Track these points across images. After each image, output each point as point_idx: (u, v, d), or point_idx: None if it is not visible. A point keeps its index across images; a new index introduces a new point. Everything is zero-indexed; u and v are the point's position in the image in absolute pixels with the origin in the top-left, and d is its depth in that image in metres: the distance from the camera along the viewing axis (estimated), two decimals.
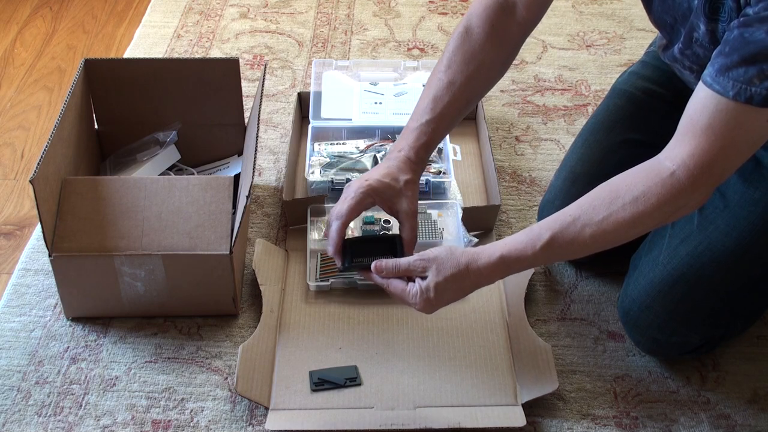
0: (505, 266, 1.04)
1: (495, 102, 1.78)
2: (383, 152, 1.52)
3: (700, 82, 0.94)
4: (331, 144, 1.56)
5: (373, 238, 1.25)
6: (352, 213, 1.13)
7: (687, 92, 1.27)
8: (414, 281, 1.07)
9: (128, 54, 1.93)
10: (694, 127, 0.95)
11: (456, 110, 1.19)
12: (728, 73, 0.90)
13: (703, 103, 0.93)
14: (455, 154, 1.59)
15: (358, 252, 1.15)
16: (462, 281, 1.05)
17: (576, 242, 1.02)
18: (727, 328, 1.20)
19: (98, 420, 1.15)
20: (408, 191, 1.16)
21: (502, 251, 1.04)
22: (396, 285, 1.08)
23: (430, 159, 1.51)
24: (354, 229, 1.41)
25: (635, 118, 1.33)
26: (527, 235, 1.04)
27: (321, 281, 1.31)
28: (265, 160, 1.62)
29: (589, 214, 1.01)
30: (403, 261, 1.08)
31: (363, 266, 1.13)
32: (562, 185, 1.34)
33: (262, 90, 1.41)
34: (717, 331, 1.19)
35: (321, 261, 1.35)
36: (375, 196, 1.14)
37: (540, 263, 1.08)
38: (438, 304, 1.07)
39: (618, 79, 1.42)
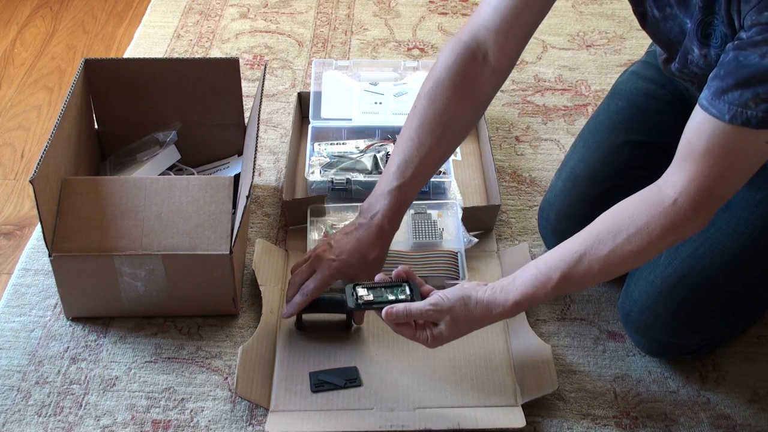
0: (516, 310, 1.07)
1: (495, 102, 1.78)
2: (383, 152, 1.52)
3: (697, 106, 0.94)
4: (331, 144, 1.56)
5: (329, 300, 1.24)
6: (318, 291, 1.18)
7: (688, 94, 1.28)
8: (424, 328, 1.09)
9: (128, 54, 1.93)
10: (692, 152, 0.95)
11: (427, 169, 1.19)
12: (724, 96, 0.90)
13: (700, 127, 0.93)
14: (455, 154, 1.59)
15: (312, 308, 1.21)
16: (474, 325, 1.09)
17: (585, 278, 1.03)
18: (728, 329, 1.20)
19: (98, 420, 1.15)
20: (372, 268, 1.19)
21: (516, 299, 1.05)
22: (405, 331, 1.10)
23: None
24: None
25: (636, 120, 1.33)
26: (537, 278, 1.04)
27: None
28: (265, 160, 1.62)
29: (594, 249, 1.01)
30: (415, 309, 1.08)
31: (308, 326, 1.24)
32: (563, 186, 1.34)
33: (262, 90, 1.41)
34: (718, 332, 1.19)
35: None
36: (341, 275, 1.18)
37: (551, 299, 1.18)
38: (443, 342, 1.10)
39: (618, 79, 1.42)
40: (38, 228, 1.46)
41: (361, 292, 1.15)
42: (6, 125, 1.76)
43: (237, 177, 1.41)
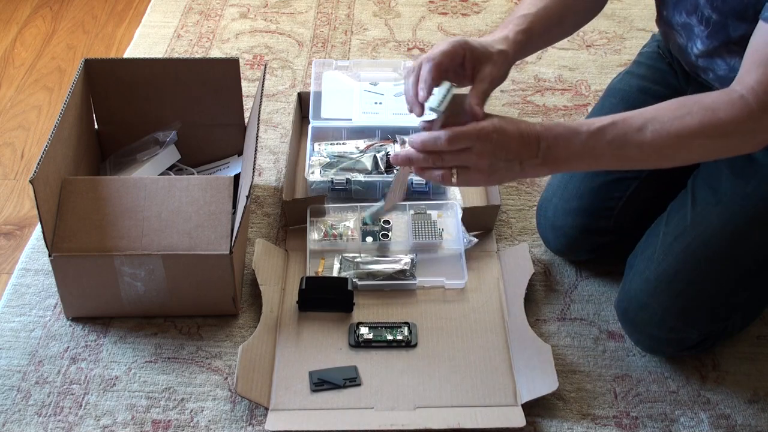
0: (554, 135, 0.98)
1: (495, 102, 1.78)
2: (383, 152, 1.52)
3: (760, 21, 0.96)
4: (331, 144, 1.56)
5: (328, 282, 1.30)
6: (445, 57, 1.05)
7: (681, 88, 1.28)
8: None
9: (128, 54, 1.93)
10: (760, 58, 0.96)
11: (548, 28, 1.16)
12: None
13: (765, 36, 0.95)
14: None
15: (312, 291, 1.26)
16: (519, 128, 0.98)
17: (635, 137, 0.97)
18: (725, 323, 1.20)
19: (98, 420, 1.15)
20: (498, 59, 1.09)
21: (561, 121, 0.99)
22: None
23: None
24: (354, 229, 1.41)
25: None
26: (589, 118, 1.00)
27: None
28: (265, 160, 1.62)
29: (655, 112, 0.98)
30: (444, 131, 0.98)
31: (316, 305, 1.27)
32: (559, 183, 1.34)
33: (262, 90, 1.41)
34: (715, 327, 1.19)
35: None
36: (467, 49, 1.06)
37: (590, 154, 0.99)
38: (497, 151, 0.97)
39: (613, 79, 1.43)
40: (38, 228, 1.46)
41: (363, 330, 1.24)
42: (6, 125, 1.76)
43: (237, 177, 1.41)
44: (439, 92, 1.01)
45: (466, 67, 1.08)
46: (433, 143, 0.99)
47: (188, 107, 1.48)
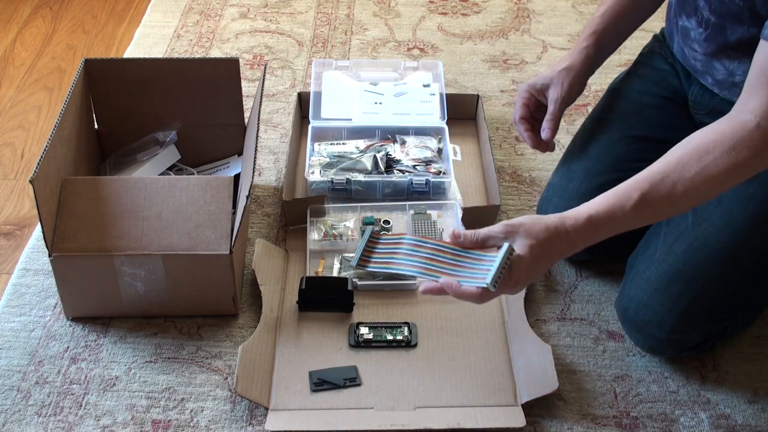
0: (593, 229, 1.00)
1: (495, 102, 1.78)
2: (383, 152, 1.52)
3: (761, 42, 0.96)
4: (331, 144, 1.56)
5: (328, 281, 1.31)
6: (523, 111, 1.30)
7: (682, 88, 1.29)
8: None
9: (128, 54, 1.93)
10: (766, 78, 0.96)
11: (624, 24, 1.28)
12: None
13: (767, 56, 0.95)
14: (455, 154, 1.59)
15: (313, 291, 1.27)
16: (553, 246, 0.99)
17: (667, 201, 0.98)
18: (725, 324, 1.20)
19: (98, 420, 1.15)
20: (559, 78, 1.25)
21: (590, 212, 0.99)
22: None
23: (431, 159, 1.52)
24: (354, 229, 1.41)
25: (631, 114, 1.34)
26: (614, 195, 0.99)
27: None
28: (265, 160, 1.62)
29: (678, 171, 0.98)
30: (483, 229, 1.02)
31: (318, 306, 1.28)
32: (560, 182, 1.34)
33: (262, 90, 1.41)
34: (715, 327, 1.19)
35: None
36: (531, 90, 1.29)
37: (629, 226, 1.01)
38: (529, 275, 1.00)
39: (614, 79, 1.43)
40: (38, 228, 1.46)
41: (363, 330, 1.24)
42: (6, 125, 1.76)
43: (237, 177, 1.41)
44: (498, 264, 0.98)
45: (543, 102, 1.28)
46: (469, 296, 1.00)
47: (188, 107, 1.48)
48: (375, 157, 1.51)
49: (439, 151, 1.55)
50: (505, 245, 0.99)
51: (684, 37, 1.22)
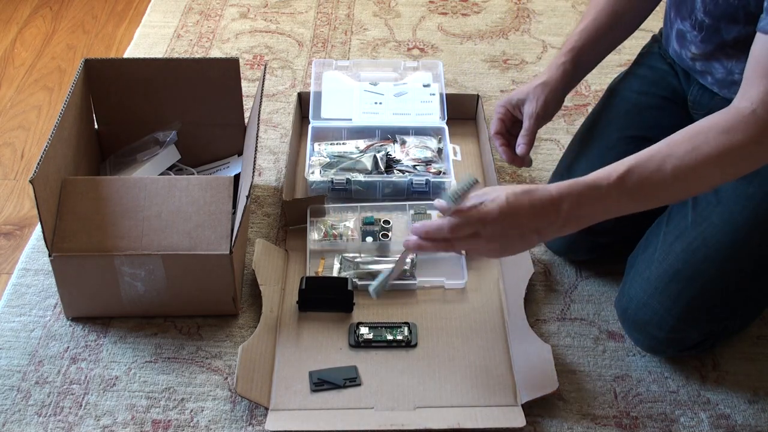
0: (577, 195, 0.97)
1: (495, 102, 1.77)
2: (383, 152, 1.52)
3: (759, 33, 0.96)
4: (331, 144, 1.56)
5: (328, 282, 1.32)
6: (499, 125, 1.29)
7: (682, 89, 1.29)
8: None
9: (128, 54, 1.93)
10: (763, 69, 0.95)
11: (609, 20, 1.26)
12: None
13: (765, 47, 0.95)
14: (455, 154, 1.59)
15: (313, 291, 1.27)
16: (533, 197, 0.97)
17: (655, 177, 0.96)
18: (725, 324, 1.20)
19: (98, 420, 1.15)
20: (535, 94, 1.24)
21: (574, 181, 0.97)
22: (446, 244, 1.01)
23: (431, 159, 1.52)
24: (354, 229, 1.41)
25: (631, 115, 1.34)
26: (602, 169, 0.98)
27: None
28: (265, 160, 1.62)
29: (670, 148, 0.97)
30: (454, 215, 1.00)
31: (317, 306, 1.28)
32: (559, 181, 1.34)
33: (262, 90, 1.41)
34: (715, 327, 1.19)
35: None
36: (507, 106, 1.29)
37: (615, 204, 0.98)
38: (505, 224, 0.97)
39: (614, 80, 1.43)
40: (38, 228, 1.46)
41: (363, 330, 1.25)
42: (6, 125, 1.76)
43: (237, 177, 1.41)
44: (460, 185, 1.00)
45: (519, 117, 1.27)
46: (436, 232, 1.01)
47: (188, 107, 1.48)
48: (375, 157, 1.51)
49: (439, 151, 1.55)
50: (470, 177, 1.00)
51: (681, 39, 1.22)
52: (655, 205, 1.01)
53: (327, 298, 1.27)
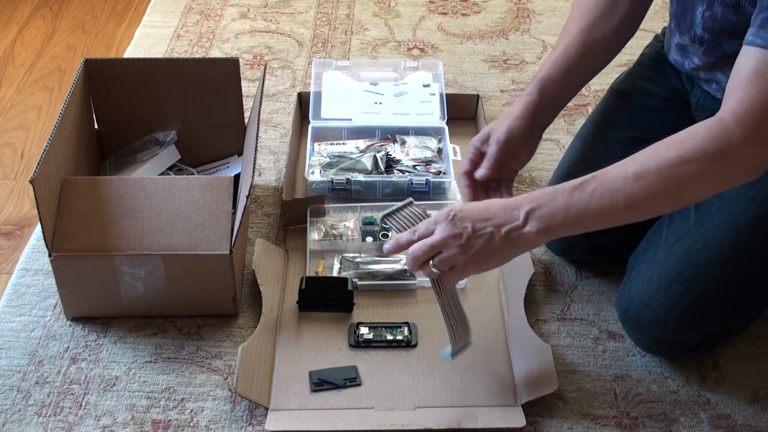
0: (536, 197, 0.99)
1: (495, 102, 1.78)
2: (383, 152, 1.52)
3: (744, 45, 0.96)
4: (331, 144, 1.56)
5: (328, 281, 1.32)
6: (469, 165, 1.22)
7: (682, 88, 1.29)
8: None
9: (128, 54, 1.93)
10: (740, 80, 0.95)
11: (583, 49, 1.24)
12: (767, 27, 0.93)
13: (747, 59, 0.95)
14: (455, 154, 1.59)
15: (313, 291, 1.27)
16: (481, 205, 1.00)
17: (617, 183, 0.96)
18: (726, 325, 1.20)
19: (98, 420, 1.15)
20: (498, 124, 1.21)
21: (535, 191, 0.99)
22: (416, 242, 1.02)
23: (431, 159, 1.52)
24: (354, 229, 1.41)
25: (632, 116, 1.33)
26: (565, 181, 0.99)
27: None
28: (265, 160, 1.62)
29: (634, 157, 0.97)
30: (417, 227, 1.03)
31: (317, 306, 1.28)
32: (559, 182, 1.34)
33: (262, 90, 1.41)
34: (716, 328, 1.19)
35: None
36: (476, 142, 1.21)
37: (575, 209, 0.98)
38: (470, 241, 0.98)
39: (615, 80, 1.43)
40: (38, 228, 1.46)
41: (363, 330, 1.25)
42: (6, 125, 1.76)
43: (237, 177, 1.41)
44: (396, 204, 1.09)
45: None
46: (413, 260, 1.02)
47: (188, 107, 1.48)
48: (375, 157, 1.51)
49: (439, 151, 1.55)
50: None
51: (682, 51, 1.22)
52: (622, 220, 1.00)
53: (327, 298, 1.27)
